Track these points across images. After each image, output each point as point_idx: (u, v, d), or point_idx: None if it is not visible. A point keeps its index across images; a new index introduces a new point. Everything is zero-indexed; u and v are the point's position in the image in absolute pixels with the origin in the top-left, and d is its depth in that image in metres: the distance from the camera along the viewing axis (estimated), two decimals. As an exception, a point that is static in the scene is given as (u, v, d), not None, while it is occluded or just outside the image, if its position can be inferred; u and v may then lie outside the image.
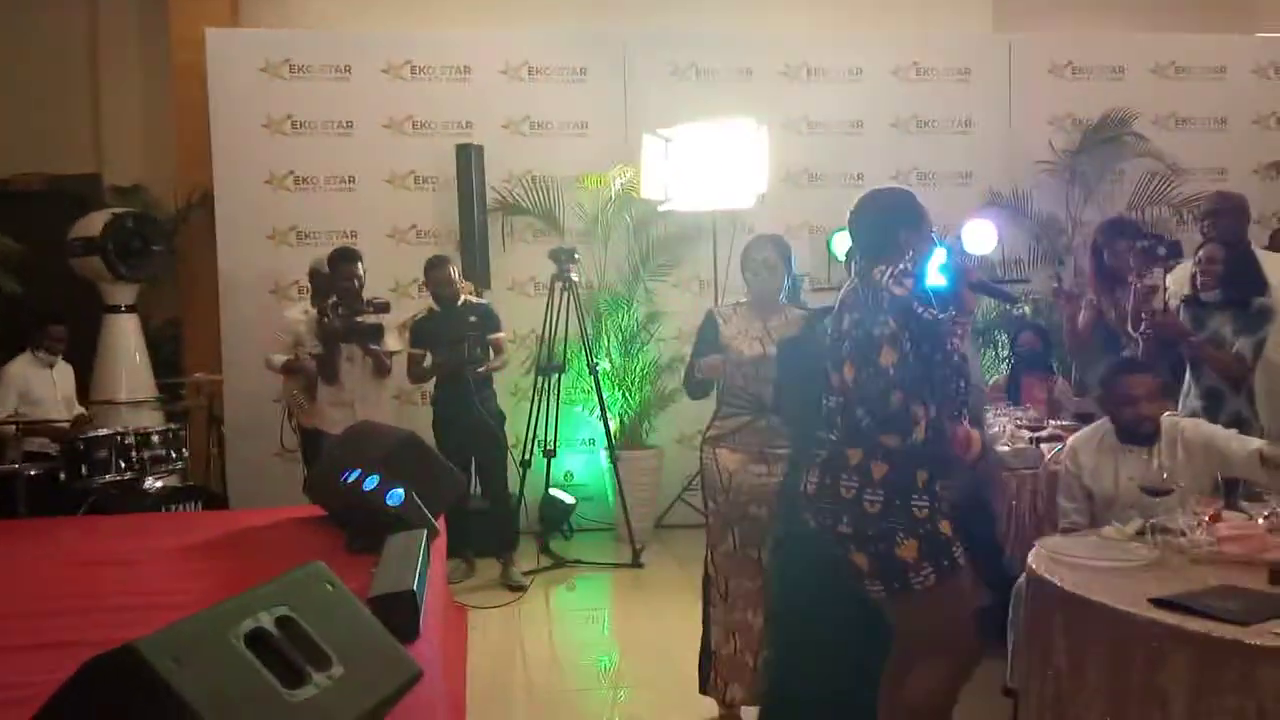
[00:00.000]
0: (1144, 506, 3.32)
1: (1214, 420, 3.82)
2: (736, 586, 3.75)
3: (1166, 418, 3.58)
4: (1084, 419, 4.35)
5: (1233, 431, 3.54)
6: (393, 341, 5.73)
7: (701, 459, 3.83)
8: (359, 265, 5.64)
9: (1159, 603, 2.43)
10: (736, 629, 3.76)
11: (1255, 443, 3.38)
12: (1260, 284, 4.08)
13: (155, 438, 5.61)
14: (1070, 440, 3.82)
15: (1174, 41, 7.58)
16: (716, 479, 3.75)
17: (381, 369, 5.67)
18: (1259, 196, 6.67)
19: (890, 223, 2.95)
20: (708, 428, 3.85)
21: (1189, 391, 4.12)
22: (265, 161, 6.82)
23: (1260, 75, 7.59)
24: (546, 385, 6.33)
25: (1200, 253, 4.11)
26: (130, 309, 6.78)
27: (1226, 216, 4.74)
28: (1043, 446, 4.31)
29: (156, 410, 6.33)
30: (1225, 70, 7.56)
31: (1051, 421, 4.68)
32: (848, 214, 3.04)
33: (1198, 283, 4.10)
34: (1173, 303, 4.19)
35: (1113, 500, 3.53)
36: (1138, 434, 3.54)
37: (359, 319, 5.52)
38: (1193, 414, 3.99)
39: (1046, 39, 7.55)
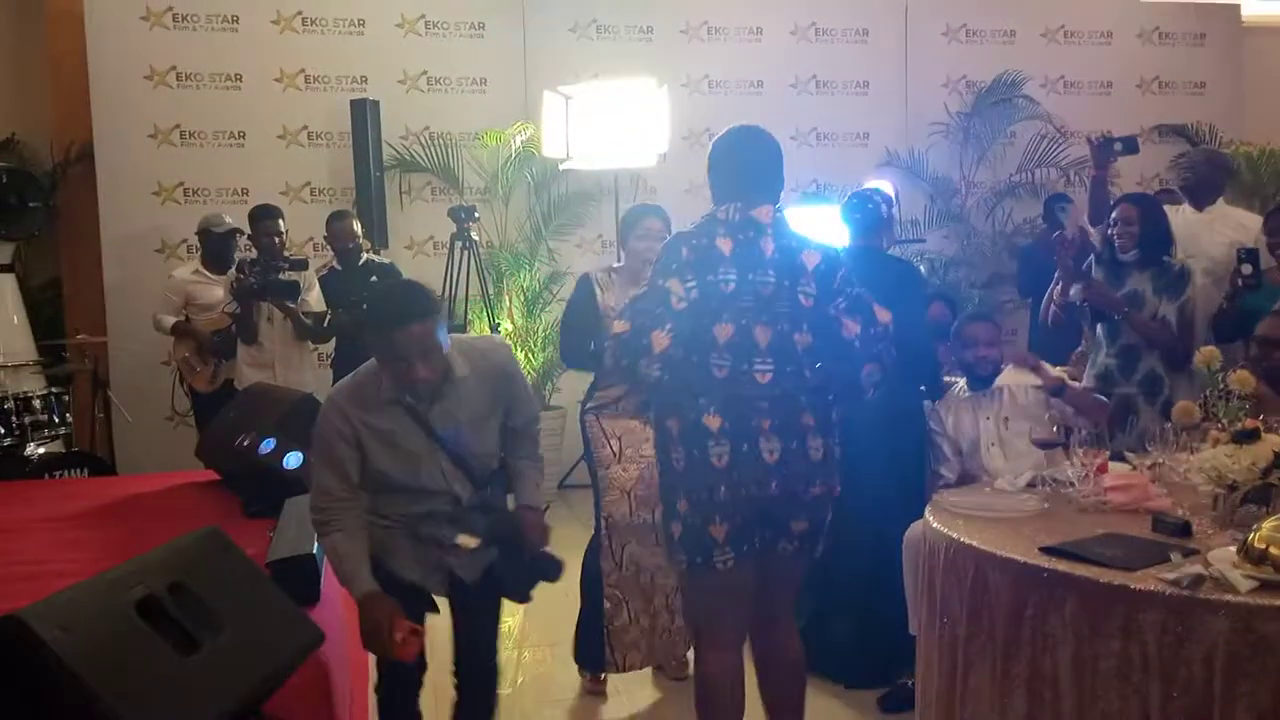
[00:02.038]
0: (1005, 444, 3.70)
1: (1128, 378, 3.99)
2: (632, 553, 3.75)
3: (1007, 373, 3.87)
4: None
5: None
6: (314, 301, 5.56)
7: (584, 430, 3.78)
8: (280, 222, 5.50)
9: (1048, 551, 2.51)
10: (629, 596, 3.77)
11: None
12: (1169, 244, 4.16)
13: (36, 402, 5.39)
14: (931, 409, 3.98)
15: (1063, 6, 7.76)
16: (606, 448, 3.73)
17: (301, 330, 5.51)
18: (1142, 160, 6.89)
19: (774, 158, 2.87)
20: (586, 399, 3.81)
21: (1100, 348, 4.16)
22: (149, 115, 6.55)
23: (1144, 40, 7.82)
24: (447, 346, 6.24)
25: (1115, 212, 4.14)
26: (6, 269, 6.44)
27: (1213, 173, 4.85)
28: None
29: (37, 374, 6.06)
30: (1111, 35, 7.78)
31: None
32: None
33: (1115, 243, 4.14)
34: None
35: (976, 442, 3.81)
36: (982, 377, 3.84)
37: (277, 276, 5.36)
38: (1104, 371, 4.08)
39: (942, 2, 7.64)
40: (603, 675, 3.91)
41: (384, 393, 2.62)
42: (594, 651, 3.84)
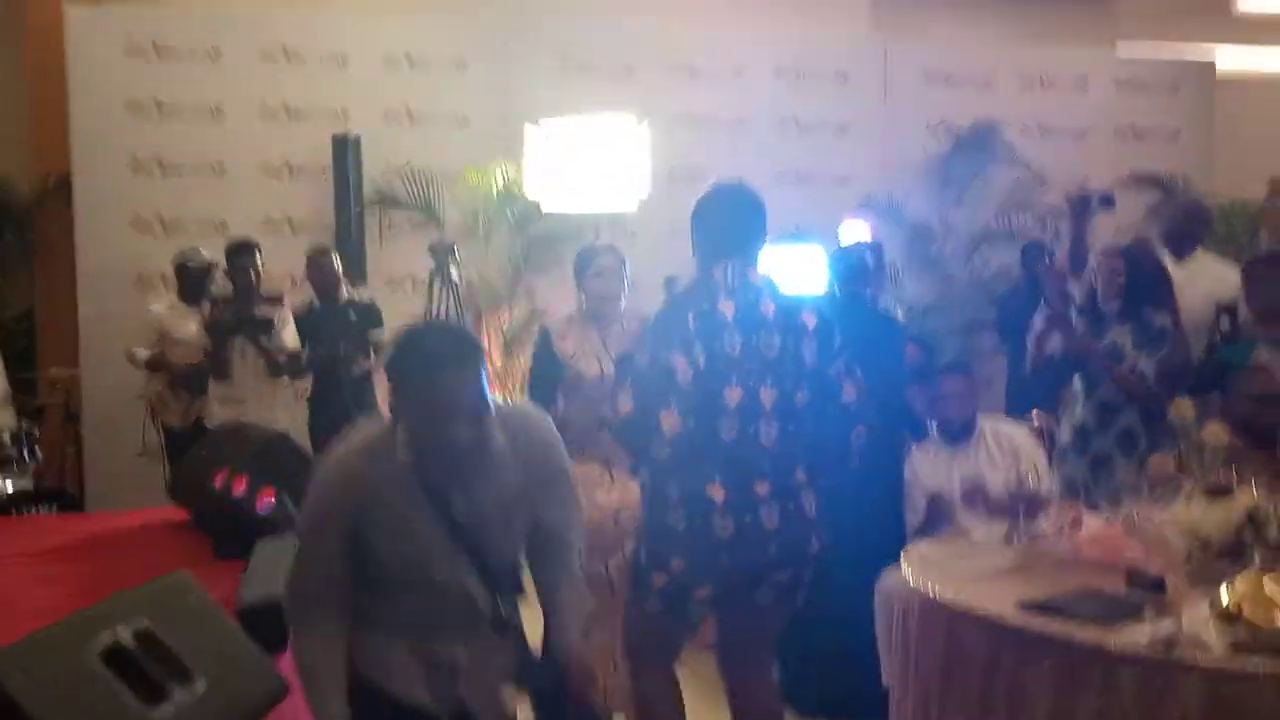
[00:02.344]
0: (972, 500, 3.75)
1: (1104, 434, 3.89)
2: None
3: (984, 420, 3.91)
4: None
5: (1032, 442, 3.89)
6: (289, 338, 5.52)
7: None
8: (256, 257, 5.45)
9: (1025, 606, 2.51)
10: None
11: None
12: (1164, 298, 4.07)
13: (6, 436, 5.32)
14: (908, 459, 4.00)
15: (1040, 55, 7.86)
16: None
17: (274, 367, 5.45)
18: (1117, 207, 6.96)
19: (762, 217, 2.88)
20: None
21: (1077, 401, 4.07)
22: (128, 146, 6.53)
23: (1120, 87, 7.93)
24: (424, 383, 6.21)
25: (1100, 260, 4.07)
26: (-20, 299, 6.43)
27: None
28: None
29: (7, 408, 5.99)
30: (1087, 82, 7.88)
31: None
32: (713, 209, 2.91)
33: (1097, 292, 4.06)
34: None
35: (949, 498, 3.83)
36: (953, 431, 3.87)
37: (251, 313, 5.32)
38: (1080, 425, 3.98)
39: (921, 48, 7.74)
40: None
41: (398, 458, 2.03)
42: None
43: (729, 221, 2.85)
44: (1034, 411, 4.68)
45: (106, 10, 6.75)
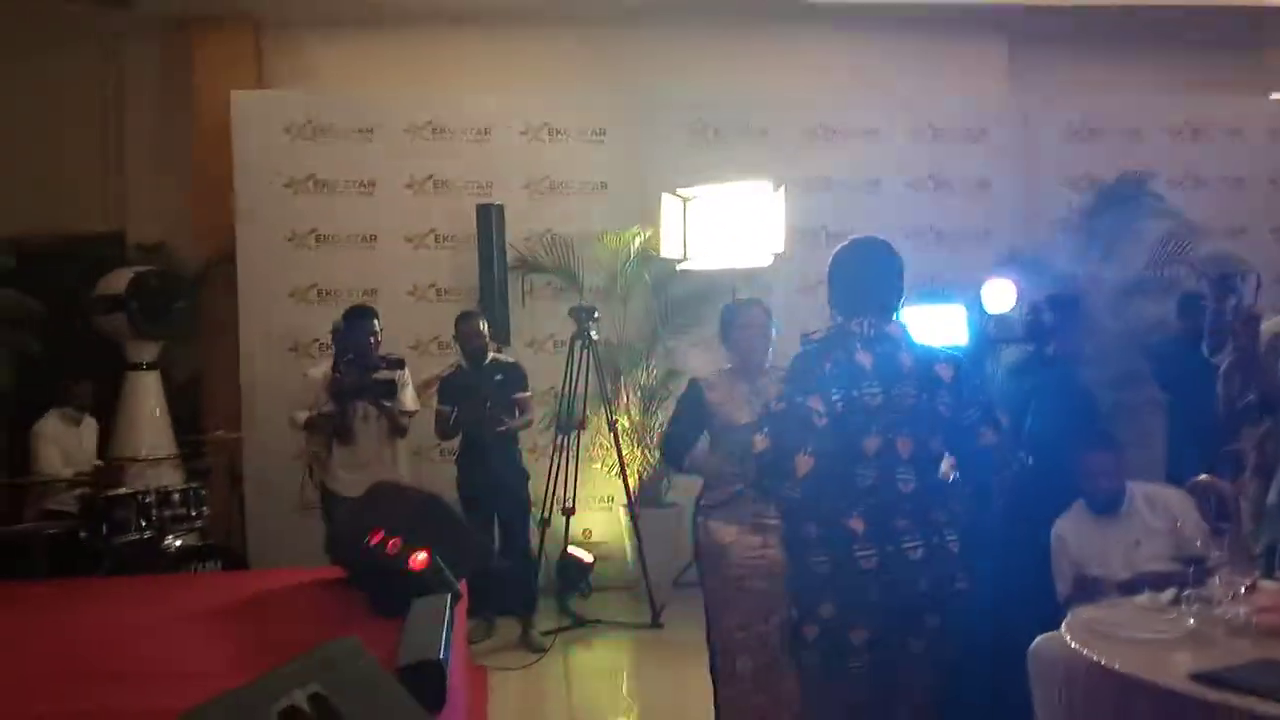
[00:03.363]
0: (1136, 569, 3.50)
1: None
2: (743, 665, 3.63)
3: (1134, 486, 3.73)
4: None
5: (1190, 503, 3.67)
6: (409, 400, 5.70)
7: (695, 532, 3.73)
8: (374, 321, 5.61)
9: (1200, 678, 2.39)
10: (745, 710, 3.64)
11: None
12: None
13: (175, 496, 5.59)
14: (1055, 525, 3.85)
15: (1189, 103, 7.64)
16: (713, 552, 3.66)
17: (396, 428, 5.61)
18: (1277, 256, 6.67)
19: (899, 273, 2.88)
20: (699, 498, 3.77)
21: None
22: (287, 220, 6.89)
23: (1275, 136, 7.62)
24: (566, 442, 6.32)
25: None
26: (151, 366, 6.80)
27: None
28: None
29: (176, 468, 6.32)
30: (1241, 131, 7.60)
31: None
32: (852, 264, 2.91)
33: None
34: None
35: (1103, 565, 3.64)
36: (1100, 504, 3.72)
37: (372, 375, 5.50)
38: None
39: (1062, 103, 7.57)
40: None
41: None
42: None
43: (866, 276, 2.85)
44: (1203, 477, 4.48)
45: (270, 94, 7.17)
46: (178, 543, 5.57)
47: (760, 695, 3.63)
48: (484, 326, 5.88)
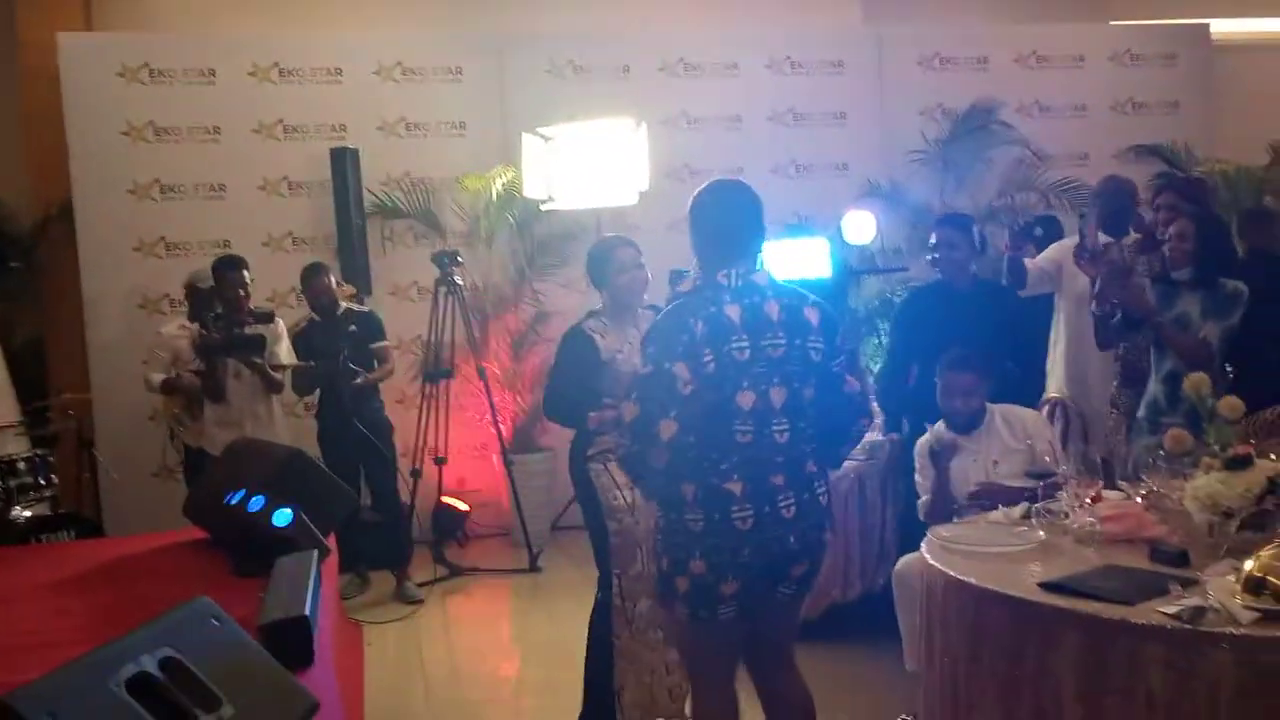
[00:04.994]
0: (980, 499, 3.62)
1: (1173, 406, 3.76)
2: (644, 606, 3.59)
3: (992, 407, 3.85)
4: None
5: (1045, 422, 3.84)
6: (283, 354, 5.53)
7: (589, 479, 3.59)
8: (244, 273, 5.42)
9: (1048, 586, 2.50)
10: (639, 656, 3.64)
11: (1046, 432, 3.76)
12: (1232, 263, 4.00)
13: (21, 464, 5.30)
14: (918, 442, 3.99)
15: (1034, 32, 7.84)
16: (619, 498, 3.55)
17: (271, 384, 5.45)
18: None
19: (760, 216, 2.86)
20: (585, 445, 3.61)
21: (1151, 377, 3.99)
22: (128, 170, 6.55)
23: (1116, 62, 7.89)
24: (435, 391, 6.23)
25: (1171, 229, 3.99)
26: (-13, 330, 6.43)
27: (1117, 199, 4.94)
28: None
29: (21, 435, 6.00)
30: (1084, 59, 7.85)
31: None
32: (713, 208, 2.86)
33: (1167, 260, 3.99)
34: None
35: (962, 483, 3.78)
36: (960, 424, 3.83)
37: (241, 331, 5.31)
38: (1154, 400, 3.92)
39: (914, 32, 7.71)
40: None
41: None
42: (601, 715, 3.69)
43: (728, 223, 2.82)
44: (1052, 394, 4.68)
45: (99, 36, 6.77)
46: (26, 513, 5.30)
47: (654, 633, 3.63)
48: (331, 279, 5.72)
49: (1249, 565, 2.31)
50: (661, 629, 3.56)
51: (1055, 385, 4.95)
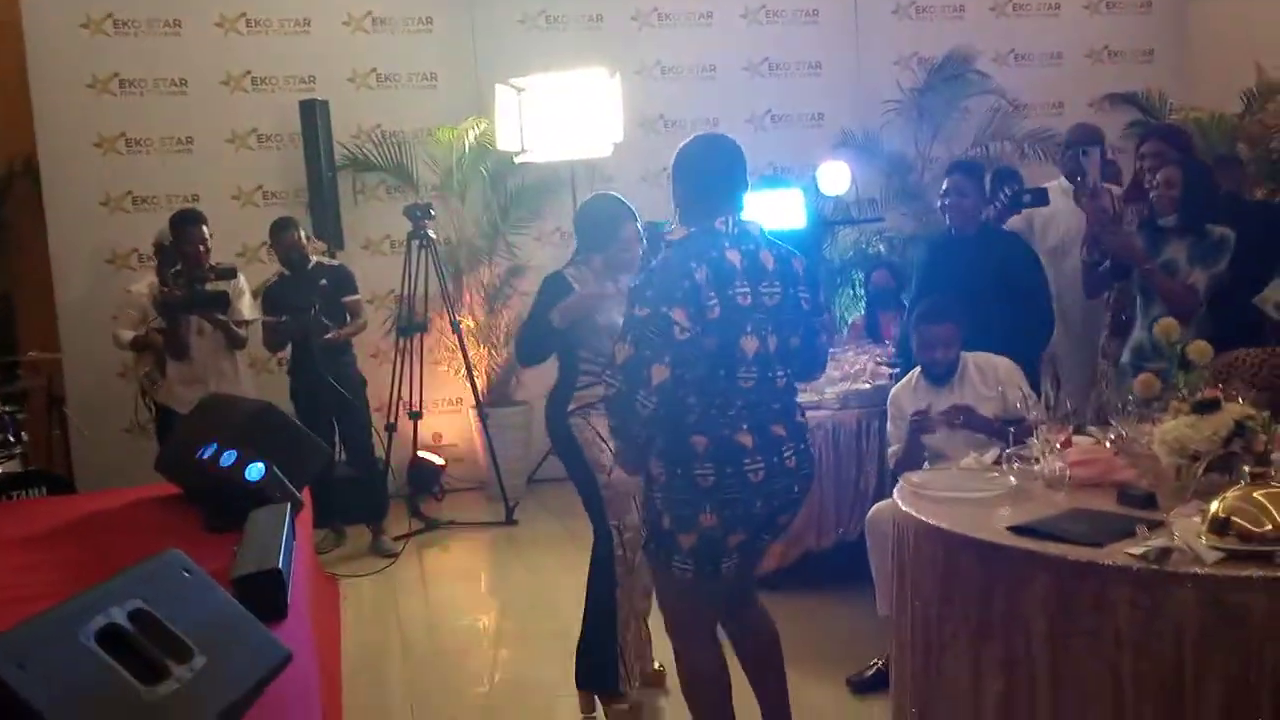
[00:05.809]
0: (954, 419, 3.67)
1: (1158, 351, 3.63)
2: (644, 559, 3.51)
3: (966, 355, 3.85)
4: None
5: (1017, 369, 3.81)
6: (246, 309, 5.49)
7: (571, 433, 3.53)
8: (203, 228, 5.36)
9: (1017, 530, 2.52)
10: (638, 605, 3.64)
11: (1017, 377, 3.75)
12: (1217, 210, 3.98)
13: (-10, 422, 5.28)
14: (892, 390, 4.01)
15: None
16: (604, 452, 3.47)
17: (234, 340, 5.41)
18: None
19: (745, 166, 2.88)
20: (563, 400, 3.57)
21: (1138, 323, 4.01)
22: (92, 123, 6.42)
23: (1091, 10, 7.85)
24: (409, 346, 6.20)
25: (1158, 175, 3.98)
26: (-47, 287, 6.34)
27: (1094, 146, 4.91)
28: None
29: (-10, 393, 5.94)
30: (1059, 7, 7.80)
31: None
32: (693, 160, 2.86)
33: (1154, 207, 3.99)
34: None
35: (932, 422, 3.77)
36: (937, 374, 3.84)
37: (203, 287, 5.25)
38: (1138, 346, 3.94)
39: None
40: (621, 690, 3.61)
41: None
42: (607, 671, 3.59)
43: (718, 173, 2.83)
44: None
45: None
46: (-4, 470, 5.27)
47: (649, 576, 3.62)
48: (301, 235, 5.67)
49: (1214, 506, 2.33)
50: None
51: None
